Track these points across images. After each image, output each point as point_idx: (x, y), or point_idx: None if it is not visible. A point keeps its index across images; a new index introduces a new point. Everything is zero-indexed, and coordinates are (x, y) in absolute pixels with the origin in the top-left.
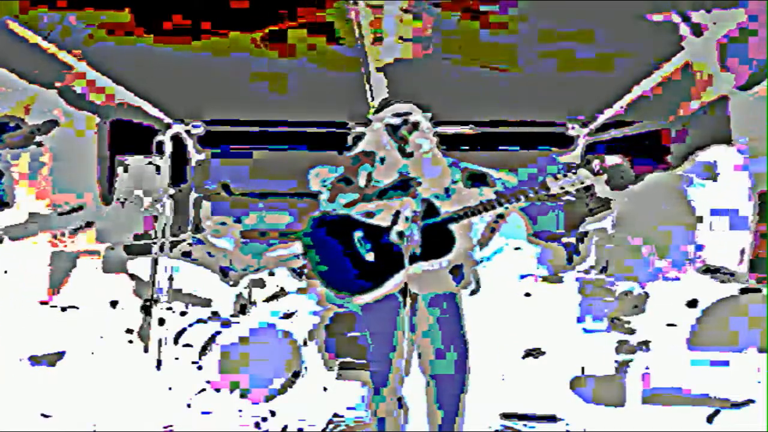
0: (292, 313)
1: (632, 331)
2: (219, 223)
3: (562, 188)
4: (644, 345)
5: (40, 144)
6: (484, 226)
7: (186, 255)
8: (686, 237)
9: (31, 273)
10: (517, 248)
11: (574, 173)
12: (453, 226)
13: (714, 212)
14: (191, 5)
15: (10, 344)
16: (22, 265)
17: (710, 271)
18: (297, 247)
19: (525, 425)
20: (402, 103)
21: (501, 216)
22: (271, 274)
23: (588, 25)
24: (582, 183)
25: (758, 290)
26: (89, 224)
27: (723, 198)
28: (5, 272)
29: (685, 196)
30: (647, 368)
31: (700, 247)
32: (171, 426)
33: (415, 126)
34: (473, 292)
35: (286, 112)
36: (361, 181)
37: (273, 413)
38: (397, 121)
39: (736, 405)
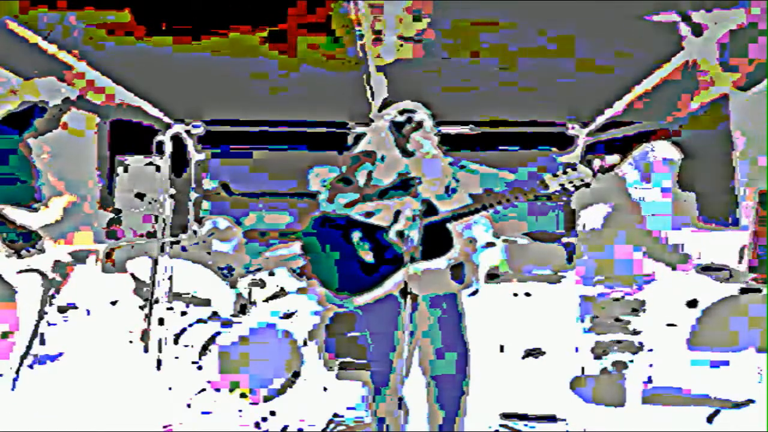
0: (292, 313)
1: (636, 332)
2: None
3: (561, 185)
4: (645, 345)
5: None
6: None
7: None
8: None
9: (31, 273)
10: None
11: (574, 170)
12: (451, 226)
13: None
14: (191, 5)
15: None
16: (22, 264)
17: (710, 269)
18: (297, 247)
19: (525, 425)
20: (408, 101)
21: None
22: (271, 274)
23: (588, 25)
24: (582, 181)
25: (758, 290)
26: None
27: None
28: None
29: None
30: (647, 368)
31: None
32: (171, 426)
33: (419, 125)
34: (473, 293)
35: (286, 112)
36: (361, 181)
37: (273, 413)
38: (401, 118)
39: (736, 405)
